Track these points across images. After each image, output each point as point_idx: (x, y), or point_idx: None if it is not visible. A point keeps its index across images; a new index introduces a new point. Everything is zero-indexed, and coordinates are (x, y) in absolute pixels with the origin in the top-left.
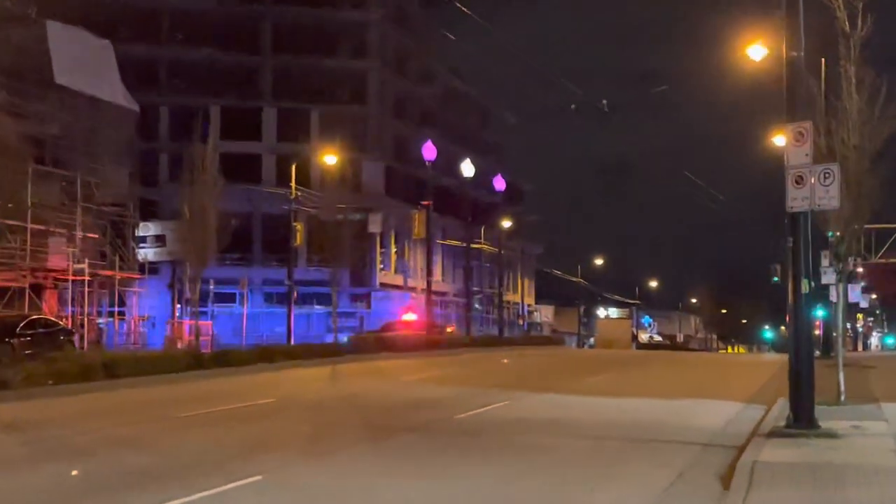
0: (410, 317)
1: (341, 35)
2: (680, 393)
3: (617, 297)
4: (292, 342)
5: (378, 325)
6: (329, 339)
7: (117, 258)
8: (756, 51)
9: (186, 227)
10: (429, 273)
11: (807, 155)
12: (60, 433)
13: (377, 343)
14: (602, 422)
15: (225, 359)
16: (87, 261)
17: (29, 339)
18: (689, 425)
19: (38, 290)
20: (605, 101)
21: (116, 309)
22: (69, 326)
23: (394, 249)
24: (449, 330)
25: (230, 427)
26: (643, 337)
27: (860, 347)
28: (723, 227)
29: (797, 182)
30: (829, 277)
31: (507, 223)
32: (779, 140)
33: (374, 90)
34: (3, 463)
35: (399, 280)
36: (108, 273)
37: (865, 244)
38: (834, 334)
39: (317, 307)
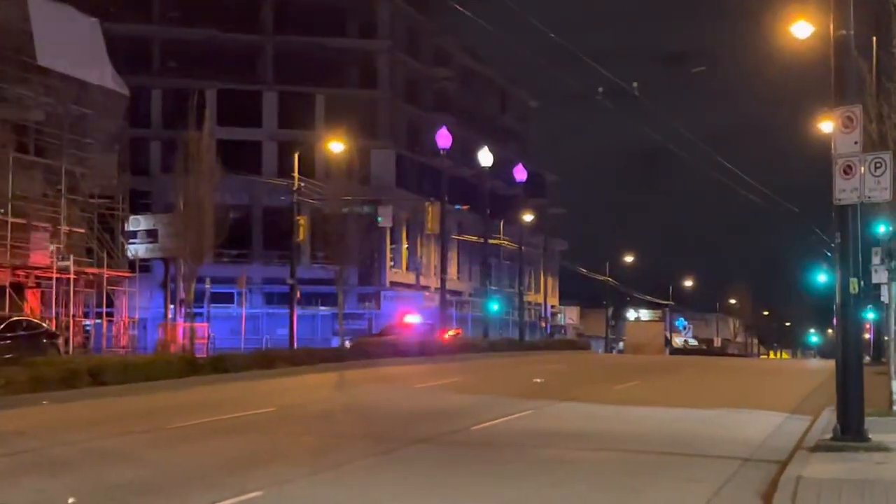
0: (413, 318)
1: (348, 12)
2: (717, 402)
3: (648, 297)
4: (295, 346)
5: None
6: (335, 342)
7: (105, 255)
8: (801, 28)
9: (180, 220)
10: (443, 271)
11: (856, 142)
12: (41, 445)
13: (386, 347)
14: (632, 434)
15: (222, 364)
16: (72, 257)
17: (9, 342)
18: (726, 438)
19: (18, 289)
20: (635, 84)
21: (104, 310)
22: (53, 329)
23: (405, 245)
24: (452, 333)
25: (227, 439)
26: (677, 341)
27: None
28: (765, 221)
29: (845, 172)
30: (880, 276)
31: (528, 217)
32: (826, 126)
33: (383, 72)
34: None
35: (411, 278)
36: (95, 271)
37: None
38: (885, 338)
39: (322, 308)
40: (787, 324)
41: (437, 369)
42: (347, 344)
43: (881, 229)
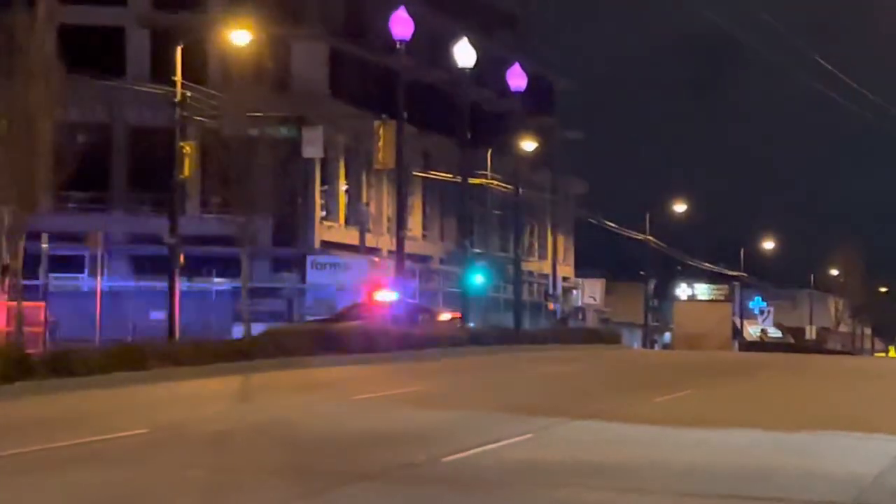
0: (389, 295)
1: None
2: (808, 421)
3: (708, 265)
4: (177, 337)
5: (319, 307)
6: (238, 331)
7: None
8: None
9: (2, 147)
10: (400, 225)
11: None
12: None
13: (318, 340)
14: (679, 468)
15: (66, 363)
16: None
17: None
18: (820, 473)
19: None
20: None
21: None
22: None
23: (343, 187)
24: (448, 317)
25: (75, 476)
26: (751, 331)
27: None
28: (884, 149)
29: None
30: None
31: (529, 144)
32: None
33: None
34: None
35: (353, 237)
36: None
37: None
38: None
39: (217, 281)
40: None
41: (390, 372)
42: (260, 331)
43: None
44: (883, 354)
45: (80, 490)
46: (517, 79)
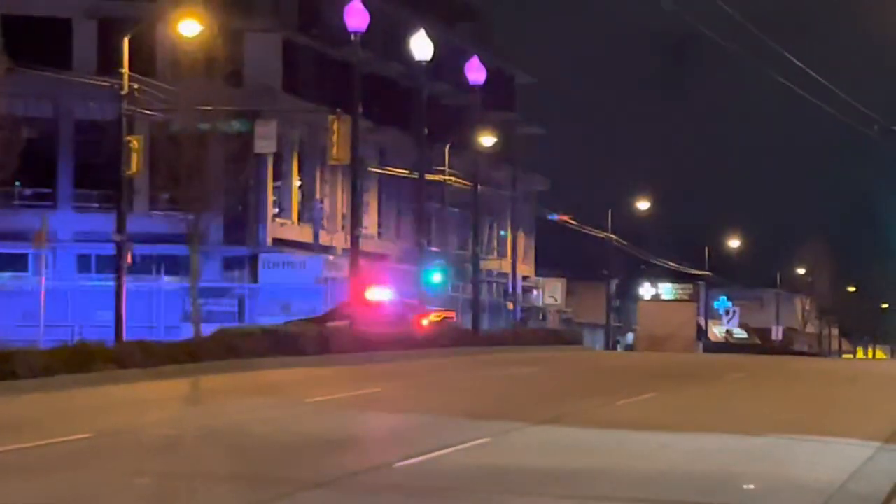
0: (383, 294)
1: None
2: (774, 426)
3: (672, 265)
4: (124, 338)
5: (272, 307)
6: (187, 332)
7: None
8: None
9: None
10: (355, 223)
11: None
12: None
13: (270, 341)
14: (640, 474)
15: (7, 365)
16: None
17: None
18: (785, 479)
19: None
20: None
21: None
22: None
23: (297, 183)
24: (435, 318)
25: (15, 483)
26: (716, 332)
27: None
28: (853, 148)
29: None
30: None
31: (488, 140)
32: None
33: None
34: None
35: (306, 234)
36: None
37: None
38: None
39: (166, 279)
40: (885, 306)
41: (344, 374)
42: (211, 332)
43: None
44: (850, 356)
45: (19, 498)
46: (476, 72)
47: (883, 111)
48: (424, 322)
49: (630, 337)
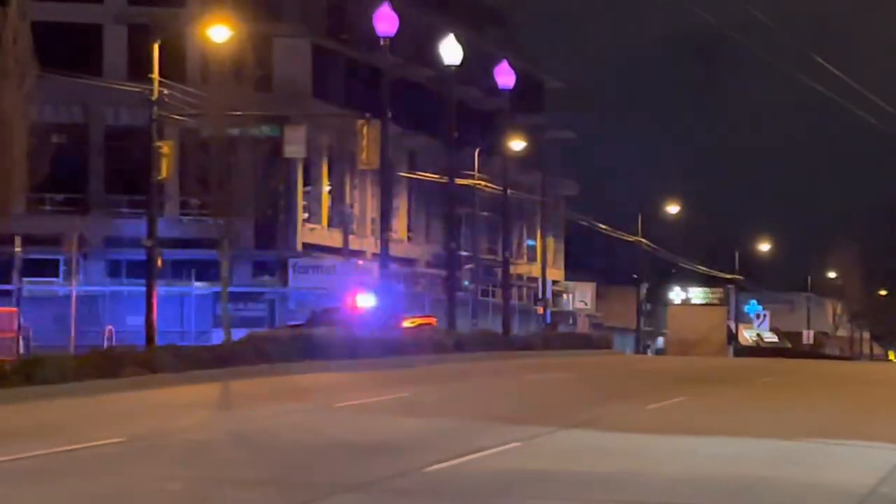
0: (366, 300)
1: None
2: (802, 429)
3: (703, 268)
4: (155, 343)
5: (304, 312)
6: (218, 337)
7: None
8: None
9: None
10: (385, 227)
11: None
12: None
13: (300, 346)
14: (669, 479)
15: (39, 370)
16: None
17: None
18: (816, 483)
19: None
20: None
21: None
22: None
23: (327, 187)
24: (416, 322)
25: (45, 487)
26: (746, 335)
27: None
28: (885, 152)
29: None
30: None
31: (518, 144)
32: None
33: None
34: None
35: (336, 239)
36: None
37: None
38: None
39: (197, 285)
40: None
41: (373, 379)
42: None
43: None
44: (882, 360)
45: (52, 502)
46: (505, 77)
47: None
48: (408, 325)
49: (660, 341)
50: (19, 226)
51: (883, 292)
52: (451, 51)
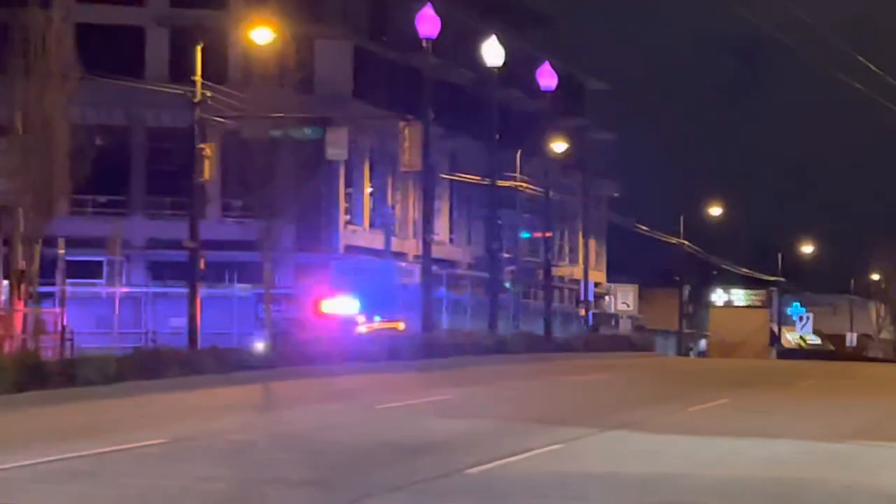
0: (336, 305)
1: None
2: (848, 433)
3: (745, 270)
4: (198, 345)
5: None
6: (260, 339)
7: None
8: None
9: (17, 149)
10: (427, 229)
11: None
12: None
13: (341, 348)
14: (713, 481)
15: (82, 371)
16: None
17: None
18: (865, 486)
19: None
20: None
21: None
22: None
23: (368, 189)
24: (395, 326)
25: (91, 485)
26: (789, 338)
27: None
28: None
29: None
30: None
31: (559, 146)
32: None
33: None
34: None
35: (378, 240)
36: None
37: None
38: None
39: (239, 287)
40: None
41: (414, 380)
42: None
43: None
44: None
45: (96, 501)
46: (547, 78)
47: None
48: (363, 330)
49: (702, 343)
50: (62, 227)
51: None
52: (493, 53)
